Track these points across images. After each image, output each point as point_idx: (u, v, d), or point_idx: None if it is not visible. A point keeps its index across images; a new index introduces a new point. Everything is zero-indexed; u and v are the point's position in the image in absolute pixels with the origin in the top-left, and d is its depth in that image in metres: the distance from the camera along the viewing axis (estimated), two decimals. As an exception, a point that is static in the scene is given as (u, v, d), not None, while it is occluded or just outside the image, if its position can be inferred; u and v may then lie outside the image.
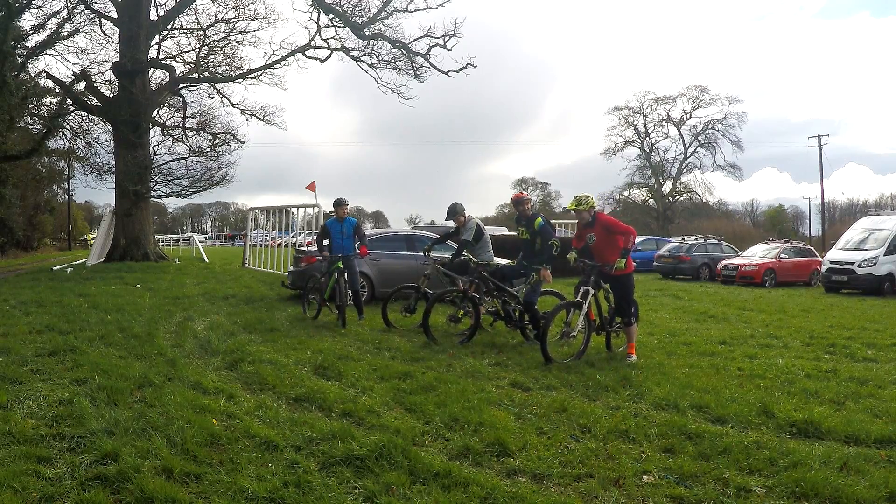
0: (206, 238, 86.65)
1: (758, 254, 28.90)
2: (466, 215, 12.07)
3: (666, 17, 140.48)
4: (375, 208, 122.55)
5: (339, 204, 12.85)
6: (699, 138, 75.76)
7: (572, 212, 10.06)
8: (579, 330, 9.41)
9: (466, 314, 10.93)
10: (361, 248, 12.71)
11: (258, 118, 35.15)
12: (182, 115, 34.30)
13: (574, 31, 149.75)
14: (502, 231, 35.04)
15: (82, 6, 31.73)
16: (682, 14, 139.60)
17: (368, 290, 15.12)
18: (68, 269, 24.86)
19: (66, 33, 33.73)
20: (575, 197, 9.96)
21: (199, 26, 33.93)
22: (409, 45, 32.79)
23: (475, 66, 33.19)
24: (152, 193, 31.92)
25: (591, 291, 9.44)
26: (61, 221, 60.54)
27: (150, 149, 31.93)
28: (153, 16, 31.43)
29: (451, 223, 12.41)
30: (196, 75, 33.94)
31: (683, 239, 33.79)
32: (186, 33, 34.52)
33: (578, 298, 9.41)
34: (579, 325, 9.33)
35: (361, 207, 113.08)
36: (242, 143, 35.63)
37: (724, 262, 28.76)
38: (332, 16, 32.51)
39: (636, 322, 9.94)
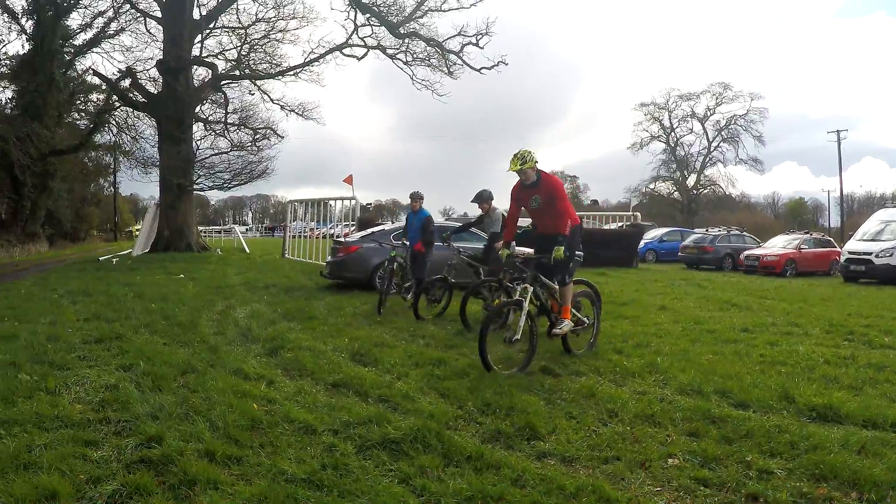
0: (247, 229, 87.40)
1: (779, 245, 28.90)
2: (492, 205, 12.07)
3: (691, 17, 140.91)
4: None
5: (413, 197, 13.10)
6: (722, 133, 76.32)
7: (515, 172, 8.26)
8: (522, 333, 7.73)
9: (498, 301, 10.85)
10: (416, 244, 12.72)
11: (297, 114, 35.49)
12: (224, 111, 34.75)
13: (601, 30, 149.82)
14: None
15: (128, 6, 32.28)
16: (706, 14, 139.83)
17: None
18: (114, 260, 25.23)
19: (112, 32, 34.39)
20: (515, 155, 8.17)
21: (240, 25, 34.33)
22: (443, 44, 32.87)
23: (506, 64, 33.11)
24: (195, 186, 32.34)
25: (531, 289, 8.02)
26: (107, 213, 61.31)
27: (193, 143, 32.34)
28: (196, 15, 31.82)
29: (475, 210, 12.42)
30: (237, 72, 34.26)
31: (707, 230, 34.34)
32: (228, 32, 34.96)
33: (518, 297, 8.05)
34: (521, 326, 7.67)
35: (397, 200, 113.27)
36: (282, 137, 36.09)
37: (747, 252, 28.84)
38: (368, 15, 32.67)
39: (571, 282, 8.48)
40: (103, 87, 33.95)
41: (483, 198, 11.96)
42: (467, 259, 12.12)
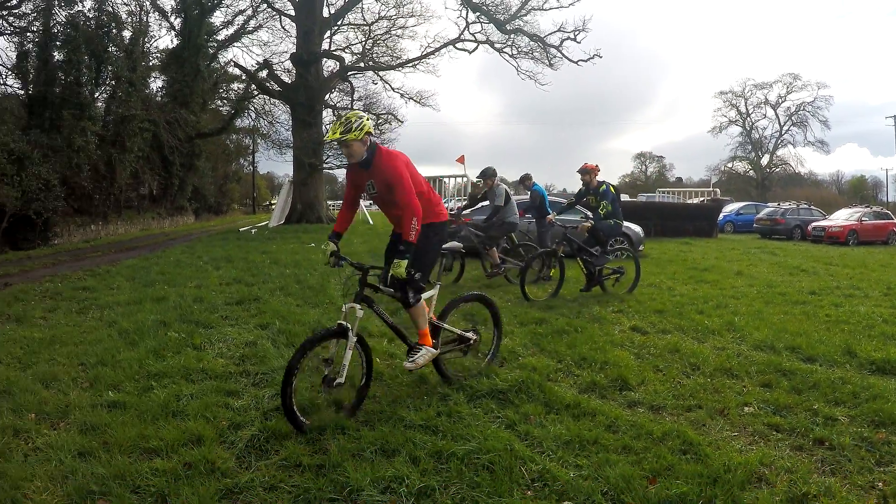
0: (370, 203, 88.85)
1: (842, 217, 29.80)
2: (495, 181, 12.13)
3: (765, 15, 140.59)
4: (516, 178, 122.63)
5: (523, 178, 13.74)
6: (792, 118, 78.90)
7: (334, 143, 5.10)
8: (348, 374, 4.81)
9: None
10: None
11: (415, 101, 36.09)
12: (350, 99, 35.39)
13: (684, 25, 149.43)
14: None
15: (264, 4, 33.29)
16: (779, 11, 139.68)
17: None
18: (253, 231, 25.99)
19: (250, 28, 35.45)
20: (338, 119, 5.17)
21: (364, 22, 35.12)
22: (545, 39, 33.39)
23: (601, 57, 33.52)
24: (325, 165, 33.01)
25: (360, 311, 5.02)
26: (247, 189, 63.48)
27: (323, 127, 32.99)
28: (325, 13, 32.64)
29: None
30: (362, 64, 34.94)
31: (779, 204, 35.48)
32: (354, 28, 35.68)
33: (343, 321, 4.90)
34: (345, 365, 4.76)
35: (504, 177, 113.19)
36: (402, 122, 36.61)
37: (814, 224, 29.71)
38: (478, 13, 33.35)
39: (422, 302, 5.44)
40: (243, 78, 35.10)
41: (487, 175, 12.10)
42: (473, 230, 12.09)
